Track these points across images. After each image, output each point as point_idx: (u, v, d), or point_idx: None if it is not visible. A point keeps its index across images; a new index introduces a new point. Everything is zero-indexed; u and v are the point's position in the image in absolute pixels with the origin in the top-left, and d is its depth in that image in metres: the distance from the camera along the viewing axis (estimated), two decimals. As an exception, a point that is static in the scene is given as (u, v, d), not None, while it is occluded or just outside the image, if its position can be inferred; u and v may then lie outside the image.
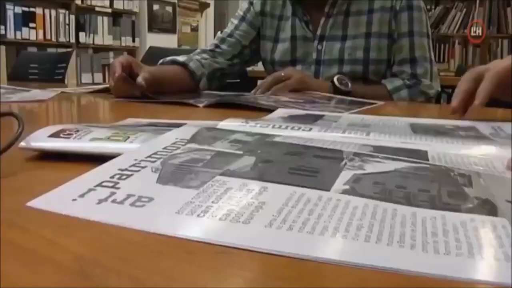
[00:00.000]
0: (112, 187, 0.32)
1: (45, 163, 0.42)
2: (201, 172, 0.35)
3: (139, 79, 1.02)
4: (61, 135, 0.43)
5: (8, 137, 0.38)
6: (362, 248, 0.24)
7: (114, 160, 0.37)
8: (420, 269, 0.22)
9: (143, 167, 0.36)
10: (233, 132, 0.49)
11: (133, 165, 0.36)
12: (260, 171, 0.36)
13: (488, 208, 0.29)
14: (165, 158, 0.38)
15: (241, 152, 0.41)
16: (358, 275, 0.22)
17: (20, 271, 0.22)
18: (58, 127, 0.45)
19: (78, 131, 0.44)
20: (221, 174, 0.34)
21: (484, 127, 0.63)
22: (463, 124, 0.66)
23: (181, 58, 1.26)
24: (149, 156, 0.38)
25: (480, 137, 0.57)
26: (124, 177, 0.34)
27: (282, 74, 1.13)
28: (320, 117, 0.72)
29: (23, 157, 0.42)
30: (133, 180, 0.33)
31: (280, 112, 0.76)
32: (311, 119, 0.69)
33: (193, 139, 0.44)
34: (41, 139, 0.43)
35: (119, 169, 0.35)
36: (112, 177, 0.33)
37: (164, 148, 0.41)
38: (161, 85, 1.10)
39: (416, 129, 0.61)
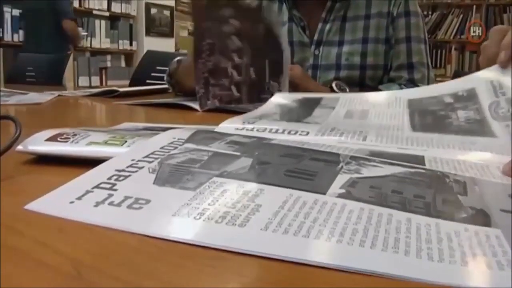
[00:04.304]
0: (110, 188, 0.32)
1: (42, 166, 0.42)
2: (198, 173, 0.35)
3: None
4: (58, 139, 0.43)
5: (5, 140, 0.38)
6: (356, 253, 0.24)
7: (111, 161, 0.37)
8: (413, 275, 0.22)
9: (140, 168, 0.36)
10: (230, 134, 0.49)
11: (131, 165, 0.36)
12: (257, 173, 0.36)
13: (482, 218, 0.29)
14: (162, 158, 0.38)
15: (238, 154, 0.41)
16: (353, 280, 0.22)
17: (17, 274, 0.22)
18: (56, 131, 0.45)
19: (75, 135, 0.44)
20: (218, 176, 0.35)
21: (484, 91, 0.59)
22: (463, 89, 0.62)
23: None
24: (147, 156, 0.38)
25: (478, 122, 0.55)
26: (121, 178, 0.34)
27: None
28: (317, 102, 0.70)
29: (20, 160, 0.42)
30: (130, 181, 0.33)
31: (277, 98, 0.75)
32: (309, 106, 0.68)
33: (190, 139, 0.44)
34: (38, 143, 0.43)
35: (117, 170, 0.35)
36: (109, 178, 0.34)
37: (162, 148, 0.41)
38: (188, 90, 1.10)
39: (413, 112, 0.60)
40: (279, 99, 0.74)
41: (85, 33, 4.82)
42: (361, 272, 0.23)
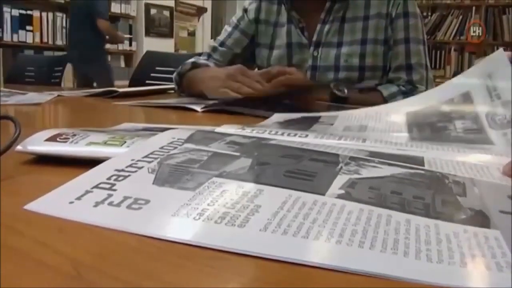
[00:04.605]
0: (109, 188, 0.32)
1: (41, 166, 0.42)
2: (197, 173, 0.35)
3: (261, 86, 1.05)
4: (58, 139, 0.43)
5: (5, 140, 0.38)
6: (355, 254, 0.24)
7: (110, 161, 0.37)
8: (412, 276, 0.22)
9: (139, 168, 0.36)
10: (229, 134, 0.49)
11: (130, 165, 0.36)
12: (256, 174, 0.36)
13: (481, 220, 0.29)
14: (161, 158, 0.38)
15: (237, 154, 0.41)
16: (351, 281, 0.22)
17: (16, 274, 0.22)
18: (55, 131, 0.45)
19: (74, 135, 0.44)
20: (218, 176, 0.35)
21: (478, 93, 0.58)
22: (458, 94, 0.61)
23: (202, 61, 1.27)
24: (146, 156, 0.38)
25: (476, 132, 0.55)
26: (121, 178, 0.34)
27: (287, 70, 1.12)
28: (316, 119, 0.71)
29: (19, 160, 0.42)
30: (129, 182, 0.33)
31: (276, 117, 0.76)
32: (307, 123, 0.69)
33: (190, 139, 0.44)
34: (38, 143, 0.43)
35: (116, 170, 0.35)
36: (109, 178, 0.33)
37: (161, 147, 0.41)
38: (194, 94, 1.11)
39: (412, 125, 0.60)
40: (277, 118, 0.74)
41: (127, 36, 5.02)
42: (360, 273, 0.23)
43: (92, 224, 0.27)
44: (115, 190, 0.31)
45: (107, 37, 3.87)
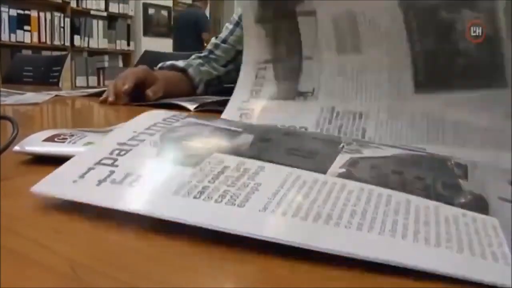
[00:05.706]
0: (111, 164, 0.31)
1: (39, 167, 0.41)
2: (199, 148, 0.35)
3: (150, 93, 1.04)
4: (56, 139, 0.43)
5: (2, 141, 0.38)
6: (354, 237, 0.24)
7: (113, 133, 0.36)
8: (409, 261, 0.22)
9: (141, 141, 0.35)
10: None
11: (132, 138, 0.35)
12: (258, 150, 0.35)
13: (480, 205, 0.29)
14: (164, 131, 0.37)
15: (240, 129, 0.40)
16: (351, 282, 0.22)
17: (14, 275, 0.21)
18: (53, 132, 0.45)
19: (72, 135, 0.44)
20: (219, 151, 0.34)
21: None
22: None
23: (180, 64, 1.26)
24: (148, 128, 0.37)
25: (489, 44, 0.49)
26: (123, 152, 0.33)
27: None
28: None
29: (17, 161, 0.42)
30: (131, 157, 0.32)
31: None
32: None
33: (191, 115, 0.43)
34: (36, 143, 0.43)
35: (118, 143, 0.34)
36: (111, 153, 0.33)
37: (164, 120, 0.40)
38: (165, 95, 1.10)
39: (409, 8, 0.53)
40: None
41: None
42: (356, 257, 0.23)
43: (96, 204, 0.27)
44: (116, 166, 0.31)
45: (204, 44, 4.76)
